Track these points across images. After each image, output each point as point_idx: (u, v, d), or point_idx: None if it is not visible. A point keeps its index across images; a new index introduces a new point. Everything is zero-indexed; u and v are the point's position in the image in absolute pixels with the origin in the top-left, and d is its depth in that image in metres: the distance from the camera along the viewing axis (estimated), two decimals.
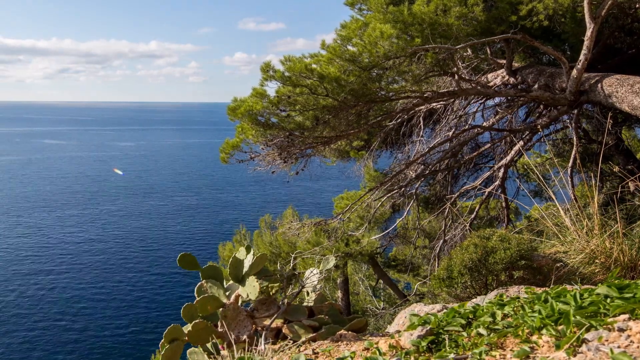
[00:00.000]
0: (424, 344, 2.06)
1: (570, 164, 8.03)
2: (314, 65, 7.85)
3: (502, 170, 8.86)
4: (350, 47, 7.95)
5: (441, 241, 9.32)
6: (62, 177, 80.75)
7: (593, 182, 6.67)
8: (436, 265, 9.21)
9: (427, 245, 11.16)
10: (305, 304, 4.01)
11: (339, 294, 12.69)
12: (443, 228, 9.26)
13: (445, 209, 9.26)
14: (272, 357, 2.19)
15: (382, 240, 11.73)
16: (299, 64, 7.74)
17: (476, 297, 5.26)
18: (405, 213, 10.06)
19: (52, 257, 42.78)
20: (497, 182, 8.78)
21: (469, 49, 9.37)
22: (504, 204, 9.44)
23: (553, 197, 5.80)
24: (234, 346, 3.22)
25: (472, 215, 9.22)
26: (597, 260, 5.08)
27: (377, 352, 1.93)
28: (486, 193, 8.90)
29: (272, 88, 8.13)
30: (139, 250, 44.95)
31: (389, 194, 9.85)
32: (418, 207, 10.00)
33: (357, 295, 14.14)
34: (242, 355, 1.87)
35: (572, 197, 7.65)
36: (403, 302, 10.66)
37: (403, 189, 9.84)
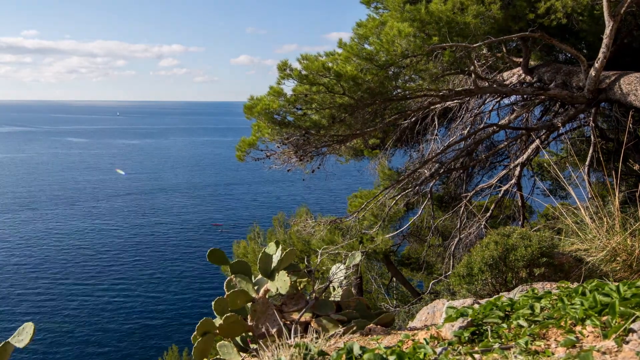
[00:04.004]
0: (466, 334, 2.10)
1: (587, 162, 8.02)
2: (329, 64, 7.89)
3: (518, 168, 8.86)
4: (367, 46, 7.99)
5: (456, 239, 9.34)
6: (69, 174, 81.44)
7: (611, 180, 6.67)
8: (451, 263, 9.23)
9: (441, 243, 11.18)
10: (331, 299, 4.06)
11: (353, 291, 12.71)
12: (458, 226, 9.27)
13: (461, 207, 9.28)
14: (324, 345, 2.24)
15: (395, 239, 11.76)
16: (317, 62, 7.79)
17: (497, 294, 5.28)
18: (420, 211, 10.08)
19: (69, 251, 43.30)
20: (513, 181, 8.78)
21: (485, 48, 9.37)
22: (519, 203, 9.44)
23: (573, 194, 5.81)
24: (263, 339, 3.27)
25: (488, 214, 9.23)
26: (618, 258, 5.10)
27: (425, 342, 1.98)
28: (502, 191, 8.90)
29: (288, 87, 8.18)
30: (148, 248, 45.25)
31: (404, 192, 9.87)
32: (432, 205, 10.02)
33: (369, 293, 14.20)
34: (298, 342, 1.93)
35: (590, 196, 7.65)
36: (417, 300, 10.68)
37: (417, 187, 9.87)
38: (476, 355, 1.81)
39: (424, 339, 2.07)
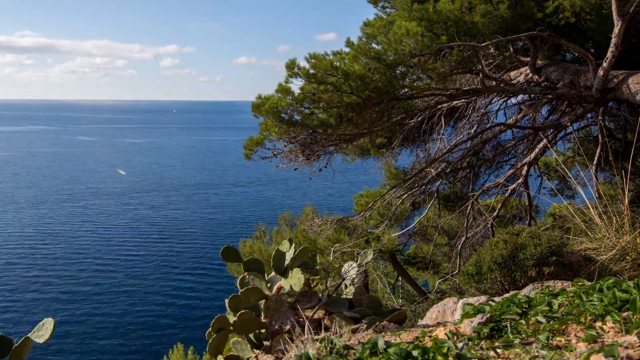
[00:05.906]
0: (485, 330, 2.12)
1: (595, 162, 8.02)
2: (337, 63, 7.91)
3: (525, 168, 8.86)
4: (375, 45, 8.01)
5: (463, 239, 9.35)
6: (70, 174, 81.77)
7: (618, 180, 6.67)
8: (458, 262, 9.23)
9: (448, 242, 11.19)
10: (343, 296, 4.08)
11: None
12: (465, 225, 9.28)
13: (468, 206, 9.29)
14: (348, 339, 2.27)
15: (401, 238, 11.79)
16: (324, 61, 7.81)
17: (506, 293, 5.29)
18: (426, 210, 10.09)
19: (77, 250, 43.55)
20: (520, 180, 8.79)
21: (492, 47, 9.38)
22: (526, 202, 9.44)
23: (582, 193, 5.82)
24: (280, 336, 3.30)
25: (495, 213, 9.24)
26: (628, 257, 5.11)
27: (446, 337, 2.00)
28: (509, 191, 8.91)
29: (296, 85, 8.20)
30: (151, 247, 45.40)
31: (410, 192, 9.89)
32: (439, 204, 10.03)
33: (375, 292, 14.22)
34: (324, 336, 1.96)
35: (598, 195, 7.65)
36: (423, 299, 10.70)
37: (424, 186, 9.88)
38: (498, 350, 1.83)
39: (445, 334, 2.09)
